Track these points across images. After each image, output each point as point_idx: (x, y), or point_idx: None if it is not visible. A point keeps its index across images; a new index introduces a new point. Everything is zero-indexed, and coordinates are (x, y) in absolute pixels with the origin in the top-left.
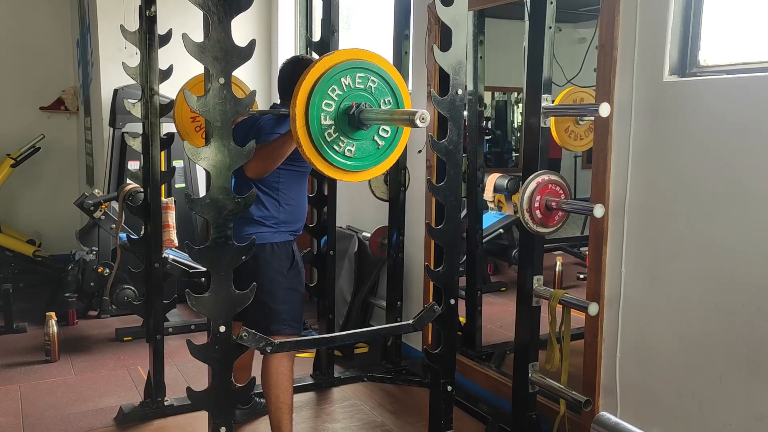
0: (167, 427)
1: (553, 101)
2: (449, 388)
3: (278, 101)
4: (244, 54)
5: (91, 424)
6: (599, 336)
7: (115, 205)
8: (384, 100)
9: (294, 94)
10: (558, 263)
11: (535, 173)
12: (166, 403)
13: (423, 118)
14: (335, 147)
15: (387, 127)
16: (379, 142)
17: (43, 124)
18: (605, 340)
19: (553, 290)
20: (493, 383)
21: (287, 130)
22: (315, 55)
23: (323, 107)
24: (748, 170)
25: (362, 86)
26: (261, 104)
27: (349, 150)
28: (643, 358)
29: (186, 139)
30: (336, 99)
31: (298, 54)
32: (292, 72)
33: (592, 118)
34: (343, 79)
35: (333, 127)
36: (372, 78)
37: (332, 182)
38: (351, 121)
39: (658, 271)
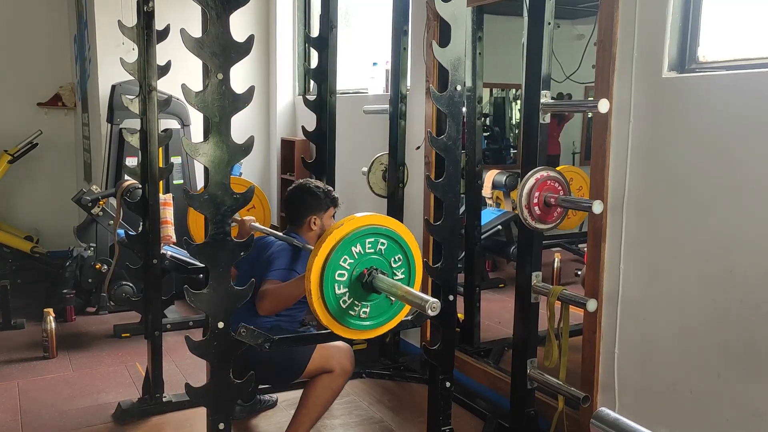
0: (166, 423)
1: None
2: (448, 384)
3: (277, 100)
4: (243, 49)
5: (90, 421)
6: (598, 332)
7: (113, 201)
8: (394, 258)
9: (307, 268)
10: (556, 260)
11: (534, 169)
12: (164, 400)
13: (434, 308)
14: (351, 312)
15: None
16: (392, 299)
17: (41, 120)
18: (603, 336)
19: (551, 287)
20: (491, 379)
21: (303, 274)
22: (315, 56)
23: (336, 278)
24: (747, 167)
25: (372, 250)
26: (260, 101)
27: (364, 312)
28: (642, 355)
29: None
30: (348, 268)
31: (301, 180)
32: (299, 198)
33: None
34: (353, 248)
35: (347, 293)
36: (381, 240)
37: (330, 178)
38: (365, 287)
39: (656, 267)
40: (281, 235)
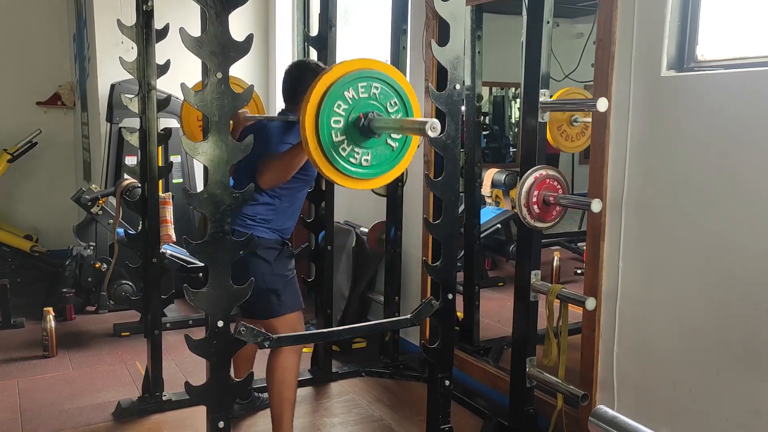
0: (165, 421)
1: (551, 97)
2: (447, 382)
3: (277, 97)
4: (242, 48)
5: (89, 419)
6: (596, 331)
7: (112, 200)
8: (390, 102)
9: (301, 118)
10: (556, 258)
11: (533, 168)
12: (164, 398)
13: (434, 128)
14: (351, 160)
15: None
16: (393, 144)
17: (40, 119)
18: (602, 334)
19: (550, 285)
20: (490, 378)
21: (299, 141)
22: (314, 55)
23: (332, 124)
24: (745, 165)
25: (366, 94)
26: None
27: (365, 159)
28: (641, 353)
29: (192, 140)
30: (343, 113)
31: (301, 58)
32: (297, 76)
33: (588, 119)
34: (346, 93)
35: (345, 140)
36: (374, 84)
37: None
38: (362, 132)
39: (655, 265)
40: (276, 117)
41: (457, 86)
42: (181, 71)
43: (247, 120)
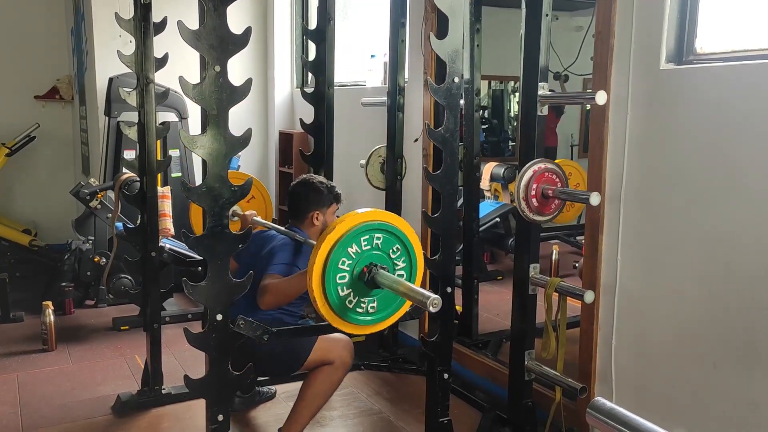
0: (165, 415)
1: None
2: (446, 376)
3: (275, 90)
4: (240, 41)
5: (89, 413)
6: (595, 324)
7: (111, 194)
8: (393, 249)
9: (308, 277)
10: (554, 252)
11: (532, 162)
12: (163, 392)
13: (435, 304)
14: (359, 310)
15: (402, 271)
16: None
17: (38, 113)
18: (601, 327)
19: (549, 278)
20: (489, 371)
21: (305, 270)
22: (312, 49)
23: (338, 281)
24: (744, 159)
25: (369, 246)
26: (258, 93)
27: (372, 307)
28: (639, 346)
29: None
30: (348, 269)
31: (305, 176)
32: (301, 195)
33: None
34: (349, 249)
35: (352, 293)
36: (376, 235)
37: (329, 171)
38: (367, 285)
39: (654, 259)
40: (283, 230)
41: (456, 79)
42: (180, 65)
43: (254, 223)
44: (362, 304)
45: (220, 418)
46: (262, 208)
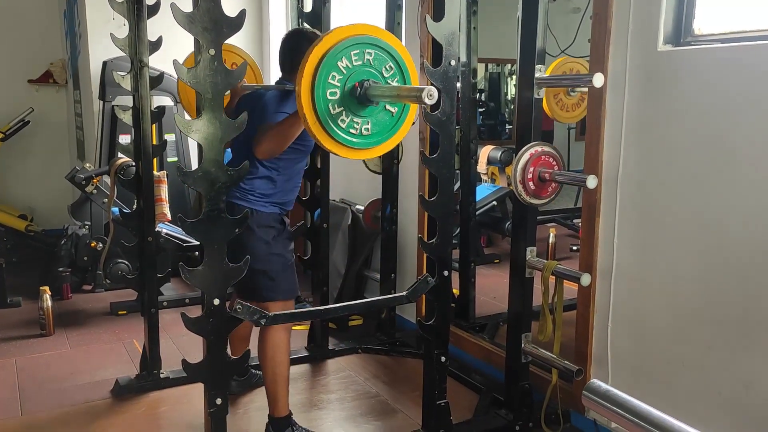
0: (163, 398)
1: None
2: (443, 358)
3: (271, 74)
4: (235, 24)
5: (88, 397)
6: (591, 306)
7: (106, 179)
8: (385, 67)
9: (296, 93)
10: (551, 235)
11: (529, 145)
12: (162, 376)
13: (431, 95)
14: (352, 130)
15: None
16: (392, 110)
17: (32, 98)
18: (597, 310)
19: (546, 261)
20: (486, 354)
21: (295, 110)
22: (307, 26)
23: (328, 96)
24: (742, 141)
25: (360, 62)
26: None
27: (365, 128)
28: (634, 328)
29: (192, 116)
30: (339, 84)
31: (296, 27)
32: (294, 45)
33: (585, 88)
34: (339, 63)
35: (344, 111)
36: (367, 50)
37: (325, 155)
38: (359, 101)
39: (650, 241)
40: (272, 86)
41: (453, 62)
42: (174, 48)
43: (244, 89)
44: (355, 125)
45: (219, 401)
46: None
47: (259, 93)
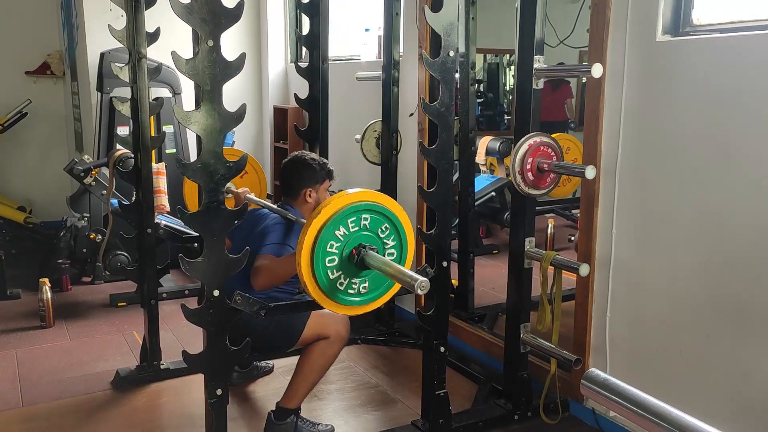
0: (164, 389)
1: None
2: (442, 349)
3: (269, 68)
4: (233, 15)
5: (89, 388)
6: (590, 296)
7: (105, 171)
8: (381, 228)
9: (296, 263)
10: (550, 225)
11: (527, 135)
12: (162, 367)
13: (423, 287)
14: (350, 291)
15: (392, 250)
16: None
17: (30, 89)
18: (595, 300)
19: (544, 252)
20: (485, 344)
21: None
22: (306, 23)
23: (327, 264)
24: (739, 131)
25: (357, 227)
26: (251, 68)
27: (363, 287)
28: (633, 318)
29: None
30: (336, 251)
31: (297, 153)
32: (294, 172)
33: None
34: (336, 232)
35: (342, 275)
36: (363, 216)
37: (324, 146)
38: (357, 266)
39: (648, 232)
40: (276, 208)
41: (451, 53)
42: (172, 39)
43: (248, 202)
44: (353, 285)
45: (219, 392)
46: (256, 183)
47: (262, 213)
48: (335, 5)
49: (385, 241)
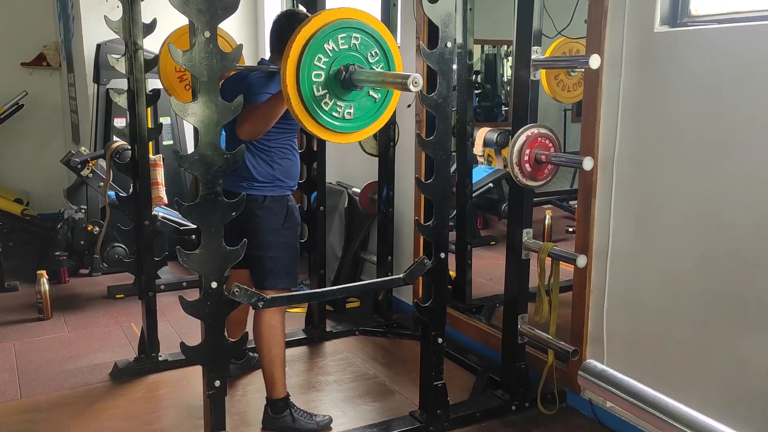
0: (162, 381)
1: (543, 53)
2: (440, 340)
3: (266, 57)
4: (230, 6)
5: (87, 380)
6: (587, 287)
7: (102, 162)
8: (371, 53)
9: (281, 73)
10: (547, 217)
11: (525, 127)
12: (160, 359)
13: (416, 83)
14: (334, 114)
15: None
16: (375, 96)
17: (26, 81)
18: (593, 291)
19: (542, 243)
20: (482, 335)
21: (278, 90)
22: (302, 7)
23: (313, 78)
24: (736, 122)
25: (346, 46)
26: (248, 59)
27: (348, 113)
28: (630, 308)
29: (172, 95)
30: (324, 67)
31: (290, 8)
32: (284, 26)
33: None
34: (326, 45)
35: (327, 94)
36: (354, 35)
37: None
38: (344, 85)
39: (646, 222)
40: (257, 66)
41: (449, 44)
42: (169, 30)
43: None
44: (338, 108)
45: (217, 383)
46: None
47: (242, 74)
48: None
49: (374, 67)
